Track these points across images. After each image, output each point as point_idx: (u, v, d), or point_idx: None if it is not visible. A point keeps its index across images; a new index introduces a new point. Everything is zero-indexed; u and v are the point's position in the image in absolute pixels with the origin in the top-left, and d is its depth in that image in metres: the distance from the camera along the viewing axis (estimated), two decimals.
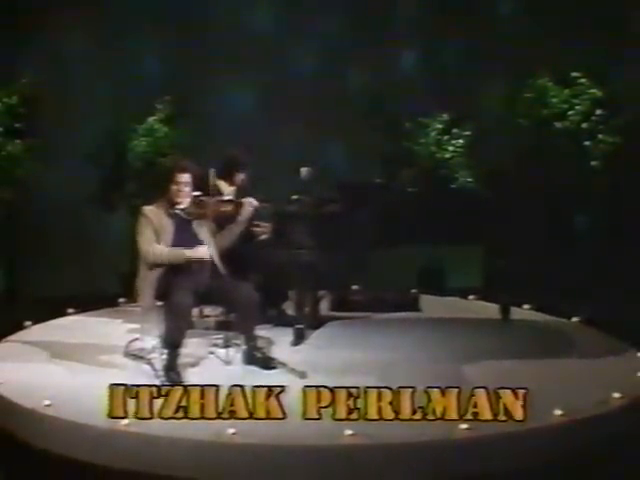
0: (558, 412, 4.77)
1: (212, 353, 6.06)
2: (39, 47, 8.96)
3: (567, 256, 8.56)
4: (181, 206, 5.76)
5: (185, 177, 5.75)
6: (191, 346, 5.88)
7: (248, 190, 6.71)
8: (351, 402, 4.68)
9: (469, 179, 8.57)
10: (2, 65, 8.54)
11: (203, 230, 5.85)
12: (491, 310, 7.40)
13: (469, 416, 4.64)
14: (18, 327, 6.87)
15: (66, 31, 9.08)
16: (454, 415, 4.69)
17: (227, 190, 6.75)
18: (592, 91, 8.50)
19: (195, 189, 5.80)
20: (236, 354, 5.93)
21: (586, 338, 6.73)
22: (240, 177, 6.87)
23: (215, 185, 6.67)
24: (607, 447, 4.80)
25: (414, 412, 4.76)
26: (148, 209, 5.75)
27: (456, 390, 4.95)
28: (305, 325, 6.62)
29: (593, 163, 8.50)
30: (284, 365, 5.78)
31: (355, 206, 6.92)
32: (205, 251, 5.72)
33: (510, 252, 7.24)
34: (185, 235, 5.74)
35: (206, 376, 5.57)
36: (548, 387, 5.33)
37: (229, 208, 5.97)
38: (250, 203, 6.06)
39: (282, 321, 6.87)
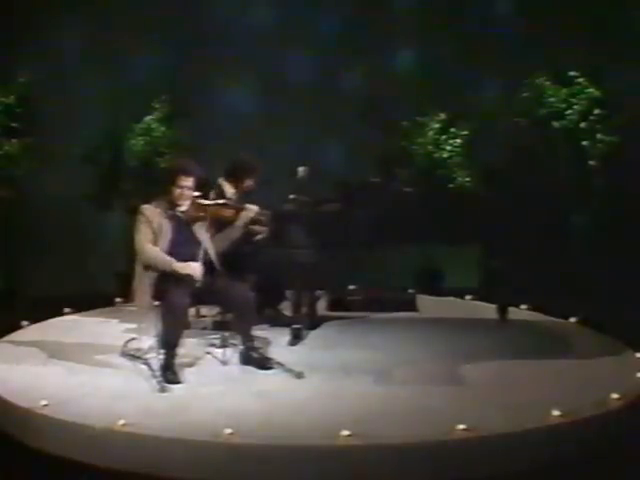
0: (556, 413, 4.75)
1: (209, 353, 6.05)
2: (37, 47, 8.92)
3: (565, 256, 8.55)
4: (181, 208, 5.74)
5: (189, 181, 5.72)
6: (188, 346, 5.88)
7: (253, 194, 6.72)
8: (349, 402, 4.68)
9: (467, 179, 8.57)
10: None
11: (201, 231, 5.82)
12: (488, 310, 7.39)
13: (467, 417, 4.63)
14: (15, 327, 6.86)
15: (64, 31, 9.06)
16: (452, 415, 4.69)
17: (229, 192, 6.73)
18: (590, 90, 8.49)
19: (195, 189, 5.78)
20: (233, 354, 5.92)
21: (584, 339, 6.73)
22: (249, 183, 6.85)
23: (219, 185, 6.67)
24: (605, 448, 4.78)
25: (411, 412, 4.76)
26: (147, 208, 5.72)
27: (454, 390, 4.94)
28: (302, 325, 6.61)
29: (591, 162, 8.50)
30: (281, 365, 5.76)
31: (352, 206, 6.91)
32: (196, 269, 5.58)
33: (508, 252, 7.22)
34: (183, 236, 5.71)
35: (203, 376, 5.58)
36: (546, 388, 5.34)
37: (229, 213, 5.95)
38: (250, 209, 6.04)
39: (279, 321, 6.86)
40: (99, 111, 8.86)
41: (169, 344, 5.49)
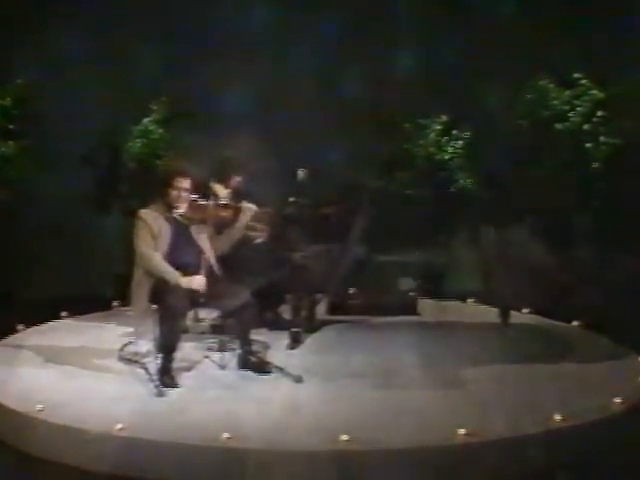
0: (558, 417, 4.71)
1: (207, 357, 6.01)
2: (34, 47, 8.90)
3: (567, 259, 8.50)
4: (179, 210, 5.69)
5: (185, 182, 5.67)
6: (186, 350, 5.86)
7: (244, 192, 6.67)
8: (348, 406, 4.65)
9: (468, 181, 8.51)
10: None
11: (200, 234, 5.77)
12: (490, 314, 7.35)
13: (468, 421, 4.58)
14: (12, 330, 6.82)
15: (62, 32, 9.03)
16: (453, 420, 4.64)
17: (223, 193, 6.70)
18: (593, 92, 8.44)
19: (193, 192, 5.73)
20: (231, 358, 5.88)
21: (586, 342, 6.71)
22: (236, 180, 6.82)
23: (211, 188, 6.64)
24: (607, 452, 4.75)
25: (412, 416, 4.72)
26: (145, 212, 5.66)
27: (455, 394, 4.90)
28: (301, 329, 6.58)
29: (594, 165, 8.45)
30: (280, 369, 5.72)
31: (353, 208, 6.87)
32: (201, 282, 5.54)
33: (509, 255, 7.19)
34: (182, 239, 5.67)
35: (201, 380, 5.53)
36: (548, 391, 5.29)
37: (227, 213, 5.91)
38: (249, 208, 6.00)
39: (278, 325, 6.83)
40: (97, 113, 8.82)
41: (167, 348, 5.45)
